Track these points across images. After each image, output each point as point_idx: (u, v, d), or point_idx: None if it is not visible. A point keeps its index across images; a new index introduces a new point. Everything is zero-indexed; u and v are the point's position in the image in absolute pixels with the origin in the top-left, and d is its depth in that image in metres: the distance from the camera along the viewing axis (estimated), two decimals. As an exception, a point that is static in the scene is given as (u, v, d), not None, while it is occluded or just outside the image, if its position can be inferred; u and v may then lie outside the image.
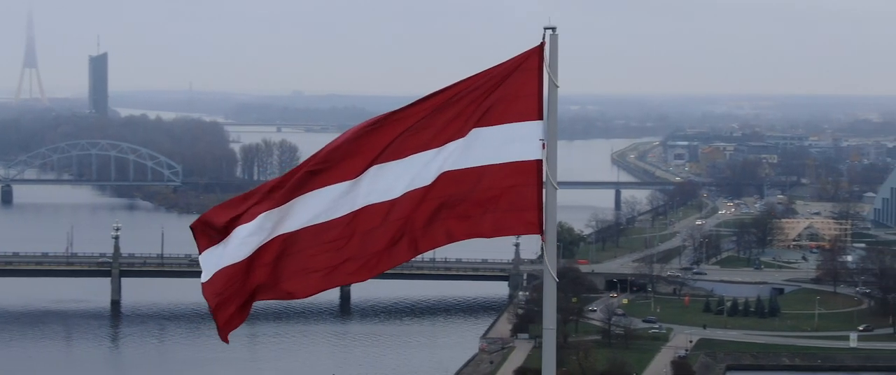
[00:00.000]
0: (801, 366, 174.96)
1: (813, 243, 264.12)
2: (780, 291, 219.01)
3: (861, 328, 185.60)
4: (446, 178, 13.39)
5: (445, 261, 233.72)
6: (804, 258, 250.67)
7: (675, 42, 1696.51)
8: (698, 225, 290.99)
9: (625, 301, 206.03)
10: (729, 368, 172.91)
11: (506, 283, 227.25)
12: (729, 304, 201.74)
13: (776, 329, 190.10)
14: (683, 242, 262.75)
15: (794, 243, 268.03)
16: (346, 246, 13.47)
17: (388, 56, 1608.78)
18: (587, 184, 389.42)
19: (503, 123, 13.37)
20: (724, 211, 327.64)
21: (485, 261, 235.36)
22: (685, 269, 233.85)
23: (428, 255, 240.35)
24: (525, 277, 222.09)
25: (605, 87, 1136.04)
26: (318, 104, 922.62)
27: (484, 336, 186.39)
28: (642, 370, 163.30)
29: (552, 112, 13.45)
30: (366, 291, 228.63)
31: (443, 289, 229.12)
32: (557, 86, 13.37)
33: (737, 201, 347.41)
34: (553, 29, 13.34)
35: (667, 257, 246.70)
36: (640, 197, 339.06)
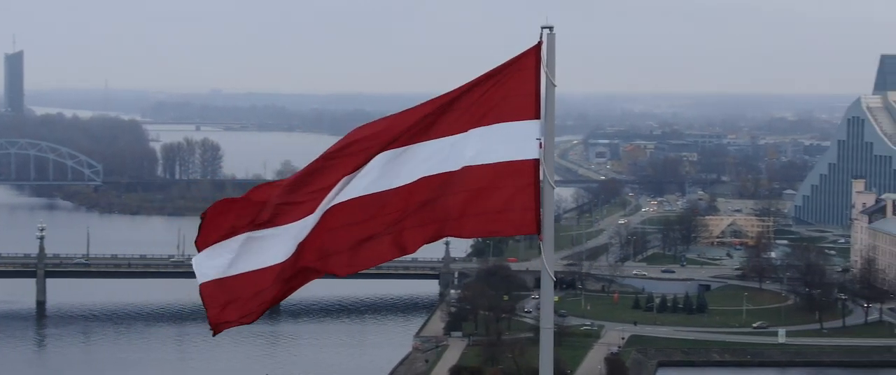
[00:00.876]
0: (731, 362, 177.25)
1: (736, 240, 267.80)
2: (707, 287, 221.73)
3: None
4: (445, 177, 13.38)
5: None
6: (728, 255, 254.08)
7: (593, 41, 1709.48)
8: (623, 222, 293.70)
9: (556, 298, 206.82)
10: (660, 364, 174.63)
11: (436, 282, 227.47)
12: (658, 301, 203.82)
13: (705, 325, 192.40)
14: (610, 240, 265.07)
15: (717, 240, 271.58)
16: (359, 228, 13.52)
17: (307, 54, 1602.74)
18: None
19: (501, 122, 13.38)
20: (647, 209, 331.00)
21: (415, 260, 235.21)
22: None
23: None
24: (456, 275, 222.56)
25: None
26: (238, 102, 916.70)
27: (417, 334, 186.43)
28: (576, 367, 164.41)
29: (550, 111, 13.42)
30: (296, 292, 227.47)
31: (372, 288, 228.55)
32: (555, 86, 13.31)
33: (659, 199, 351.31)
34: (550, 28, 13.23)
35: (594, 254, 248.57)
36: (564, 196, 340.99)
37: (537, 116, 13.36)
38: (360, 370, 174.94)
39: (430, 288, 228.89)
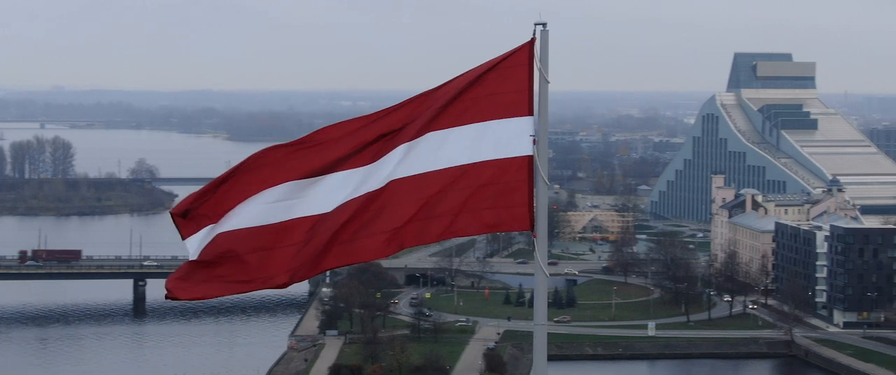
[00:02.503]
0: (604, 355, 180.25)
1: (598, 235, 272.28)
2: (574, 282, 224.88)
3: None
4: (437, 176, 13.40)
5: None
6: (591, 249, 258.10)
7: (441, 39, 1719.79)
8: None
9: (428, 295, 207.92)
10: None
11: (306, 280, 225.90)
12: (528, 296, 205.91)
13: (575, 319, 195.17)
14: (476, 235, 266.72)
15: (579, 235, 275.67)
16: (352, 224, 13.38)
17: (151, 51, 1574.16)
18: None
19: (494, 119, 13.38)
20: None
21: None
22: (522, 262, 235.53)
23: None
24: (327, 273, 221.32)
25: (376, 84, 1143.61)
26: (82, 99, 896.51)
27: (292, 334, 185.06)
28: (454, 362, 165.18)
29: (543, 108, 13.39)
30: (160, 291, 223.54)
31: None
32: (548, 82, 13.32)
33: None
34: (544, 25, 13.22)
35: (461, 251, 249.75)
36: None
37: (531, 113, 13.33)
38: (236, 370, 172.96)
39: (299, 286, 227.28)
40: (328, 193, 13.38)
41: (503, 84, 13.36)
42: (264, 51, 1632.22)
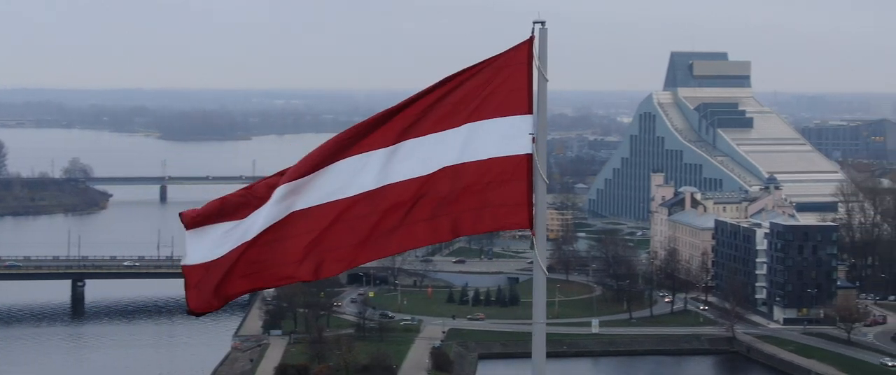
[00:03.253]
0: (549, 353, 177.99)
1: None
2: (516, 280, 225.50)
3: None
4: (437, 175, 13.35)
5: (172, 258, 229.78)
6: (532, 247, 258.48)
7: (373, 38, 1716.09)
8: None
9: (371, 294, 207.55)
10: (481, 357, 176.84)
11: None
12: (472, 294, 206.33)
13: (519, 317, 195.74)
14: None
15: (519, 234, 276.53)
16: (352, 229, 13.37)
17: (80, 49, 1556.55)
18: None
19: (493, 118, 13.37)
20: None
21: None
22: (458, 260, 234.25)
23: (165, 252, 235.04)
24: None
25: (309, 83, 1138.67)
26: (10, 98, 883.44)
27: (236, 334, 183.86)
28: (401, 361, 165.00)
29: (542, 106, 13.37)
30: (98, 292, 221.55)
31: (176, 288, 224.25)
32: (547, 80, 13.33)
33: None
34: (542, 23, 13.19)
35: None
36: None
37: (530, 111, 13.29)
38: (179, 371, 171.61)
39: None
40: (330, 189, 13.21)
41: (502, 82, 13.31)
42: (194, 48, 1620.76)
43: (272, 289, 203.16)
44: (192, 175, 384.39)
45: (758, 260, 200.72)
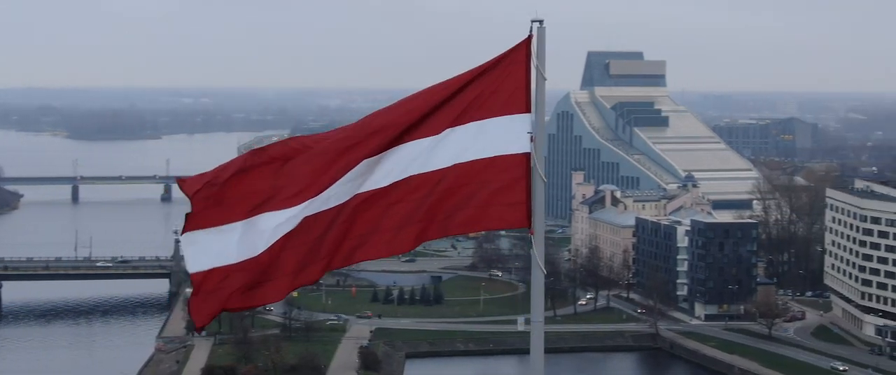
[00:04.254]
0: (475, 351, 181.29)
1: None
2: (439, 279, 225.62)
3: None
4: (437, 174, 13.47)
5: (90, 259, 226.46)
6: (453, 246, 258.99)
7: (282, 36, 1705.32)
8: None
9: (295, 294, 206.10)
10: (408, 356, 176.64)
11: (167, 281, 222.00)
12: (396, 293, 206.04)
13: (444, 316, 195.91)
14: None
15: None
16: (349, 230, 13.39)
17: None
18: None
19: (493, 117, 13.49)
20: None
21: (142, 259, 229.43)
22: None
23: (82, 254, 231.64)
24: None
25: (218, 81, 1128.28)
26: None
27: (159, 335, 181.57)
28: (329, 361, 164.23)
29: (540, 105, 13.52)
30: (16, 293, 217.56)
31: (101, 289, 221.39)
32: (545, 79, 13.43)
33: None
34: (540, 22, 13.30)
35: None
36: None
37: (528, 110, 13.43)
38: (103, 373, 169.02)
39: (160, 287, 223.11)
40: (334, 194, 13.20)
41: (501, 81, 13.35)
42: (99, 46, 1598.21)
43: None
44: (104, 174, 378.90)
45: (679, 257, 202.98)
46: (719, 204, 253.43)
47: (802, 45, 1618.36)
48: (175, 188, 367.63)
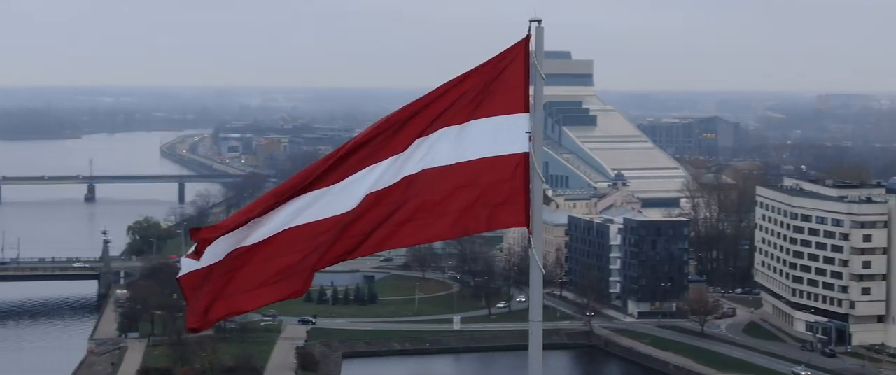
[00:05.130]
0: (412, 350, 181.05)
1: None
2: (372, 278, 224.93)
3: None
4: (434, 174, 13.51)
5: (18, 261, 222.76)
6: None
7: (198, 34, 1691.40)
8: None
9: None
10: (345, 356, 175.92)
11: (96, 282, 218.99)
12: (330, 293, 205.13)
13: (379, 315, 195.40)
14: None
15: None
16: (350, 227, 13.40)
17: None
18: (148, 177, 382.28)
19: (491, 117, 13.56)
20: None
21: (70, 260, 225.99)
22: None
23: (10, 255, 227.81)
24: (122, 274, 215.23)
25: (137, 80, 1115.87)
26: None
27: (91, 337, 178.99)
28: (265, 362, 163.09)
29: (538, 105, 13.55)
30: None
31: (28, 291, 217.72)
32: (543, 79, 13.47)
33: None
34: (539, 21, 13.31)
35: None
36: (205, 190, 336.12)
37: (527, 110, 13.50)
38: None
39: (89, 288, 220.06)
40: (337, 195, 13.17)
41: (500, 81, 13.36)
42: (12, 47, 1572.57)
43: (124, 291, 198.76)
44: (27, 174, 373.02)
45: (612, 255, 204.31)
46: (648, 203, 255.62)
47: (719, 45, 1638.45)
48: (100, 187, 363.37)
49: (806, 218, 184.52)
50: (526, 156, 13.08)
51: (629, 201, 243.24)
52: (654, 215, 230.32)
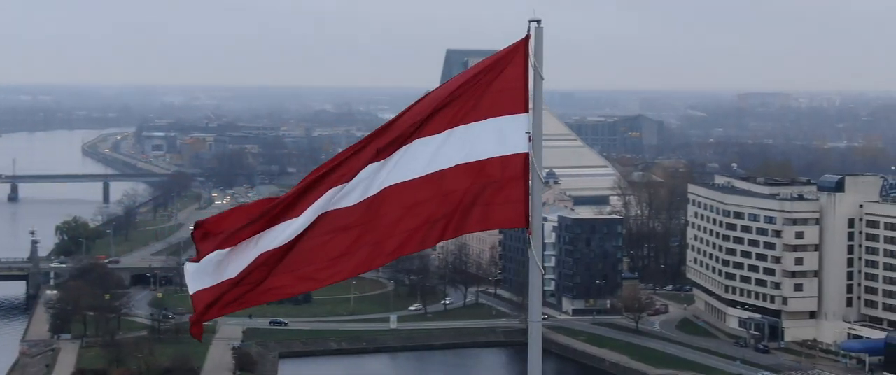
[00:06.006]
0: (349, 349, 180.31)
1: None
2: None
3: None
4: (435, 176, 13.48)
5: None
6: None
7: (115, 32, 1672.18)
8: (206, 216, 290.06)
9: (159, 295, 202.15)
10: (281, 356, 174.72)
11: (24, 283, 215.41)
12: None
13: (315, 315, 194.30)
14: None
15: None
16: (362, 235, 13.37)
17: None
18: (72, 177, 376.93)
19: (491, 117, 13.55)
20: (220, 202, 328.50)
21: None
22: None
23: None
24: (52, 275, 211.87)
25: (57, 78, 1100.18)
26: None
27: (23, 338, 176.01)
28: (201, 362, 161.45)
29: (538, 105, 13.53)
30: None
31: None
32: (543, 78, 13.44)
33: (230, 191, 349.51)
34: (538, 21, 13.31)
35: (180, 249, 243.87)
36: (132, 189, 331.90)
37: (526, 110, 13.52)
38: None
39: (16, 289, 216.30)
40: (340, 196, 13.12)
41: (500, 81, 13.36)
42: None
43: (54, 292, 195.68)
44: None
45: (546, 253, 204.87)
46: (579, 201, 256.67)
47: (640, 45, 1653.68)
48: (22, 187, 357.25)
49: (739, 215, 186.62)
50: (525, 156, 13.03)
51: (561, 199, 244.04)
52: (586, 213, 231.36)
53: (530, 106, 13.15)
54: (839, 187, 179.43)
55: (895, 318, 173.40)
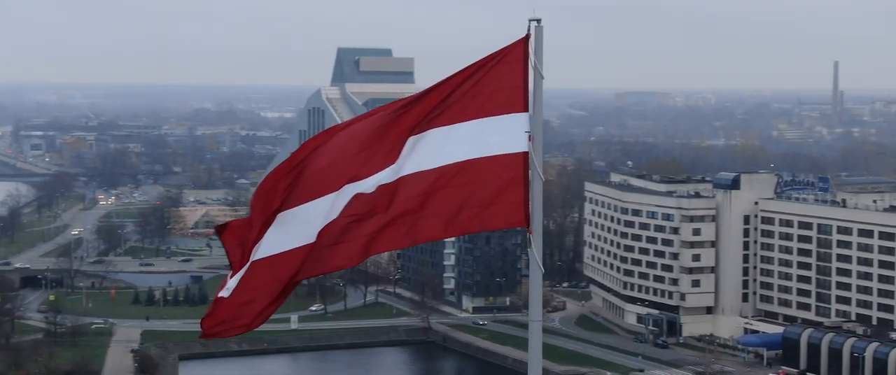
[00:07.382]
0: (250, 351, 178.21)
1: (211, 230, 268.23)
2: (200, 278, 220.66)
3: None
4: (434, 173, 13.57)
5: None
6: (208, 245, 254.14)
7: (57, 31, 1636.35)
8: (92, 217, 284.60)
9: (51, 297, 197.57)
10: (181, 358, 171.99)
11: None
12: (159, 294, 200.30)
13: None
14: (80, 234, 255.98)
15: (192, 231, 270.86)
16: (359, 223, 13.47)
17: None
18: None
19: (491, 116, 13.60)
20: (106, 203, 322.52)
21: None
22: (145, 263, 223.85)
23: None
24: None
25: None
26: None
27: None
28: (100, 365, 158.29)
29: (538, 104, 13.60)
30: None
31: None
32: (543, 78, 13.49)
33: (115, 191, 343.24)
34: (538, 21, 13.41)
35: (67, 251, 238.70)
36: (15, 190, 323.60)
37: (526, 109, 13.54)
38: None
39: None
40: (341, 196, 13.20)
41: (499, 80, 13.38)
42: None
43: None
44: None
45: (445, 251, 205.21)
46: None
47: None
48: None
49: (636, 212, 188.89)
50: (526, 155, 12.95)
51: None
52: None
53: (530, 105, 13.02)
54: (735, 184, 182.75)
55: (790, 313, 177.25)
